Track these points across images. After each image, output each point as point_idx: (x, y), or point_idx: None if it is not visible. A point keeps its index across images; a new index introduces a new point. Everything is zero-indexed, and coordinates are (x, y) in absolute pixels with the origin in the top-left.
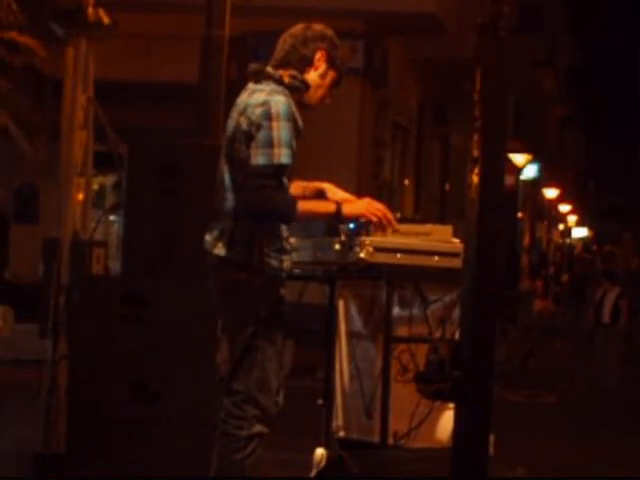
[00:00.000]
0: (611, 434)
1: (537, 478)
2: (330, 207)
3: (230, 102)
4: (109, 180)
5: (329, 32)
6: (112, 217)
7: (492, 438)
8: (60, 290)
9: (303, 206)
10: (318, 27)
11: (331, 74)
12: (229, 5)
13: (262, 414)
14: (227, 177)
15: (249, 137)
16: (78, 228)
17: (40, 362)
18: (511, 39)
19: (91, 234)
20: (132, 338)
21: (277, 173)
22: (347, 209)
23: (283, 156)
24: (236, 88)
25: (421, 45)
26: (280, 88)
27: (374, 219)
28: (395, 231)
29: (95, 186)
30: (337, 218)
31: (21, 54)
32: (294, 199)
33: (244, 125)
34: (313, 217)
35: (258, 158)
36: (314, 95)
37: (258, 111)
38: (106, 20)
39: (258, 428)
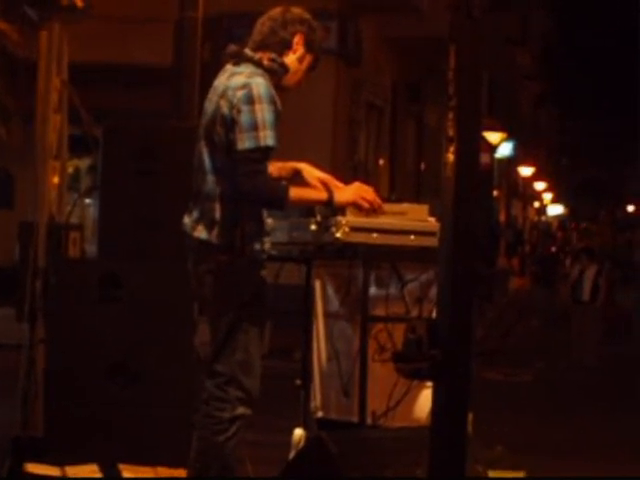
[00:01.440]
0: (590, 412)
1: (516, 456)
2: (322, 194)
3: (205, 84)
4: (84, 163)
5: (307, 15)
6: (88, 200)
7: (470, 417)
8: (36, 274)
9: (295, 193)
10: (296, 11)
11: (308, 58)
12: None
13: (245, 396)
14: (207, 159)
15: (230, 120)
16: (54, 212)
17: (17, 346)
18: (485, 17)
19: (67, 217)
20: (110, 320)
21: (264, 156)
22: (339, 196)
23: (269, 138)
24: (211, 70)
25: (395, 24)
26: (259, 71)
27: (365, 205)
28: (383, 214)
29: (70, 169)
30: (329, 205)
31: None
32: (286, 186)
33: (224, 108)
34: (305, 204)
35: (244, 142)
36: (292, 78)
37: (239, 94)
38: (80, 3)
39: (241, 410)
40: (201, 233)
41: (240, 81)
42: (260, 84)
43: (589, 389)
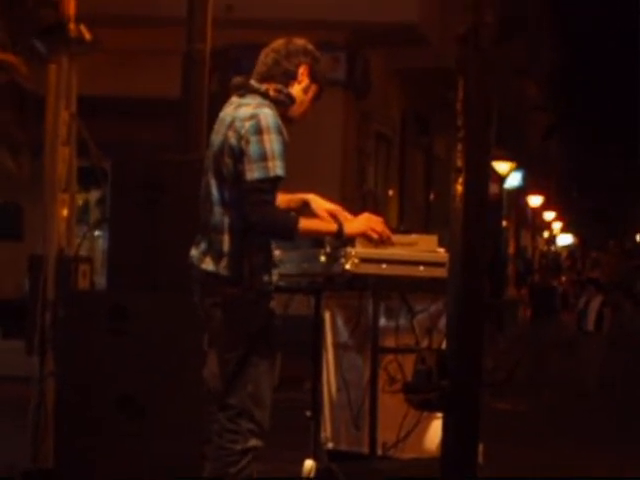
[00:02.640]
0: (606, 440)
1: None
2: (332, 226)
3: (213, 116)
4: (93, 196)
5: (310, 46)
6: (97, 232)
7: (481, 447)
8: (46, 306)
9: (304, 224)
10: (300, 41)
11: (313, 88)
12: (210, 18)
13: (257, 428)
14: (215, 191)
15: (239, 151)
16: (63, 244)
17: (27, 379)
18: (493, 48)
19: (76, 250)
20: (119, 353)
21: (273, 186)
22: (348, 227)
23: (278, 168)
24: (218, 101)
25: (403, 55)
26: (266, 102)
27: (375, 236)
28: (392, 245)
29: (79, 202)
30: (339, 237)
31: (3, 71)
32: (296, 216)
33: (232, 139)
34: (314, 235)
35: (254, 172)
36: (298, 109)
37: (247, 125)
38: (87, 36)
39: (253, 442)
40: (209, 265)
41: (248, 112)
42: (268, 115)
43: (600, 417)
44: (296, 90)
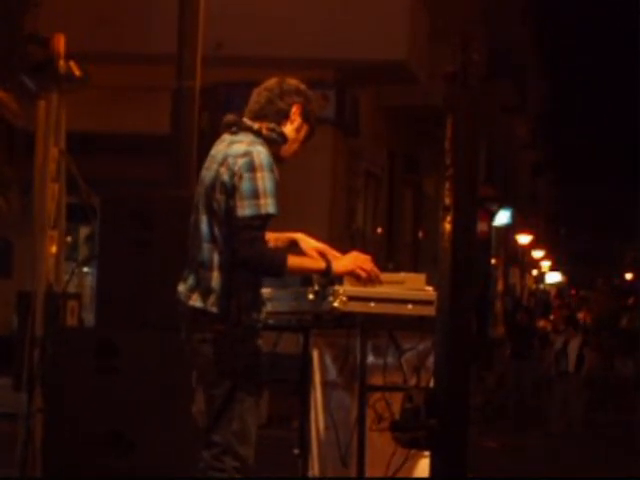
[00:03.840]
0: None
1: None
2: (320, 264)
3: (202, 152)
4: (82, 232)
5: (303, 86)
6: (86, 269)
7: None
8: (34, 343)
9: (293, 261)
10: (293, 81)
11: (305, 128)
12: (199, 56)
13: (241, 465)
14: (204, 227)
15: (231, 187)
16: (52, 280)
17: (15, 415)
18: (481, 86)
19: (65, 286)
20: (107, 390)
21: (264, 224)
22: (336, 266)
23: (270, 206)
24: (208, 138)
25: (392, 93)
26: (259, 140)
27: (363, 274)
28: (380, 283)
29: (68, 238)
30: (327, 275)
31: None
32: (285, 254)
33: (225, 176)
34: (303, 273)
35: (245, 209)
36: (289, 148)
37: (240, 162)
38: (77, 73)
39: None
40: (196, 302)
41: (241, 149)
42: (261, 152)
43: (585, 456)
44: (288, 129)
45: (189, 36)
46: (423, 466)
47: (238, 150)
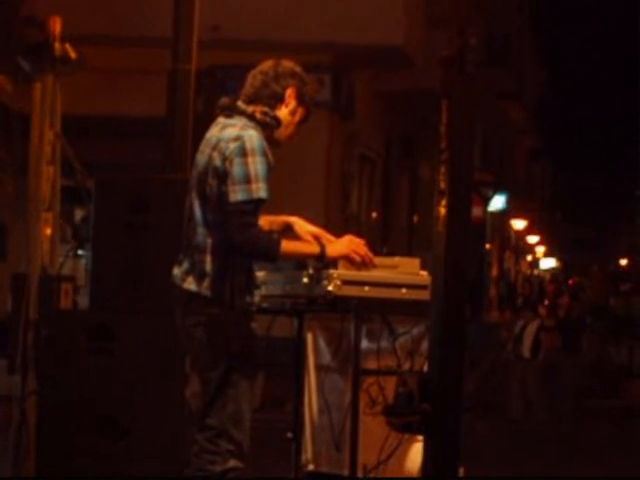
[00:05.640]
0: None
1: None
2: (314, 248)
3: (198, 136)
4: (77, 215)
5: (298, 69)
6: (80, 252)
7: (461, 470)
8: (28, 325)
9: (287, 246)
10: (288, 64)
11: (300, 111)
12: (195, 39)
13: (236, 449)
14: (198, 211)
15: (222, 172)
16: (46, 263)
17: (9, 398)
18: (478, 71)
19: (59, 269)
20: (101, 372)
21: (256, 208)
22: (331, 250)
23: (261, 190)
24: (204, 122)
25: (388, 78)
26: (252, 123)
27: (357, 259)
28: (374, 267)
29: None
30: (321, 259)
31: None
32: (278, 238)
33: (217, 160)
34: (296, 257)
35: (237, 194)
36: (284, 132)
37: (232, 146)
38: (73, 55)
39: (232, 463)
40: (191, 285)
41: (233, 133)
42: (253, 136)
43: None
44: (283, 113)
45: (185, 19)
46: (416, 450)
47: (230, 134)
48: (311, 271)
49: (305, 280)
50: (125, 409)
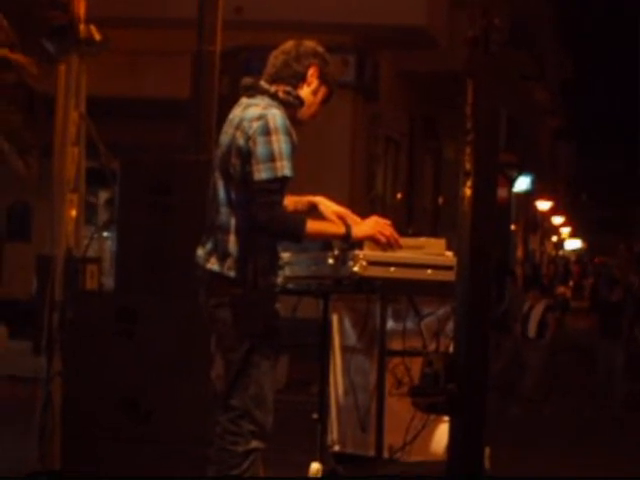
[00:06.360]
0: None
1: None
2: (340, 229)
3: (222, 117)
4: (102, 196)
5: (320, 49)
6: (105, 233)
7: (487, 451)
8: (54, 307)
9: (313, 226)
10: (309, 43)
11: (322, 90)
12: (220, 20)
13: (258, 430)
14: (222, 191)
15: (246, 151)
16: (71, 245)
17: (34, 379)
18: (502, 52)
19: (84, 251)
20: (125, 354)
21: (281, 187)
22: (356, 230)
23: (286, 168)
24: (228, 103)
25: (412, 58)
26: (275, 103)
27: (383, 240)
28: (400, 248)
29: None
30: (346, 240)
31: (13, 72)
32: (304, 218)
33: (240, 140)
34: (322, 238)
35: (261, 173)
36: (307, 111)
37: (255, 125)
38: (97, 37)
39: (254, 444)
40: (214, 265)
41: (256, 112)
42: (276, 115)
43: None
44: (305, 92)
45: (209, 0)
46: (442, 431)
47: (253, 114)
48: (337, 252)
49: (330, 261)
50: (149, 390)
